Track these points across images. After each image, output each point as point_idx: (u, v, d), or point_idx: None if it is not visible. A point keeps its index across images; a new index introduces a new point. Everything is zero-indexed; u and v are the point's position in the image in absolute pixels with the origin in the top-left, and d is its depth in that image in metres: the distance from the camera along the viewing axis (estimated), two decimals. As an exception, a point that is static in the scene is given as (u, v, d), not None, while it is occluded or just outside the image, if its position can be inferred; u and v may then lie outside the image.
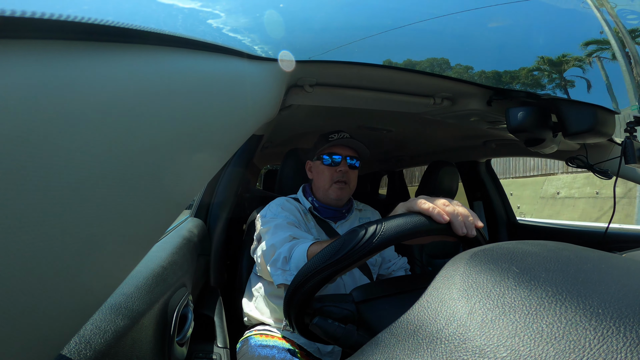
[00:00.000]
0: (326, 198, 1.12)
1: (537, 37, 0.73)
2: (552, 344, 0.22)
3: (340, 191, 1.10)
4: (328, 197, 1.11)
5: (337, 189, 1.10)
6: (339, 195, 1.10)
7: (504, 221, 1.99)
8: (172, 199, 0.31)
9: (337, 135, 1.11)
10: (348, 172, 1.11)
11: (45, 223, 0.18)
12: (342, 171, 1.09)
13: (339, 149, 1.11)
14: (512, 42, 0.75)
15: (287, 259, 0.81)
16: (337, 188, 1.10)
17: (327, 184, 1.11)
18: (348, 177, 1.11)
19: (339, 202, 1.12)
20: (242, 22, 0.47)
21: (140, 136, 0.24)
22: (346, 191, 1.11)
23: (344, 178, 1.10)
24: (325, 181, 1.11)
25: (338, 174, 1.09)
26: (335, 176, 1.09)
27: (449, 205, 0.54)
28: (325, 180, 1.11)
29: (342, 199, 1.12)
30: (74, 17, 0.18)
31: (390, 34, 0.65)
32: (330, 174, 1.10)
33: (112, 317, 0.47)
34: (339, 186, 1.10)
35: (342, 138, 1.10)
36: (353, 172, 1.13)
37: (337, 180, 1.09)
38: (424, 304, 0.31)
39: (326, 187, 1.11)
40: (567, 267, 0.31)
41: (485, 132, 1.32)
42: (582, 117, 0.77)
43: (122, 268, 0.28)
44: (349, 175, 1.11)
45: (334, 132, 1.13)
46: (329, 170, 1.11)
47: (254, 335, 1.03)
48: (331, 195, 1.11)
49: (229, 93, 0.39)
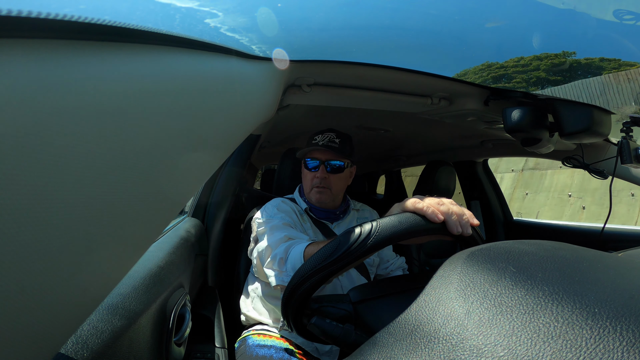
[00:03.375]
0: (310, 201, 1.12)
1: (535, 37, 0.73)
2: (549, 343, 0.22)
3: (319, 195, 1.09)
4: (311, 200, 1.12)
5: (317, 193, 1.09)
6: (318, 199, 1.10)
7: (501, 220, 2.00)
8: (170, 199, 0.31)
9: (321, 137, 1.10)
10: (328, 178, 1.09)
11: (42, 223, 0.18)
12: (319, 177, 1.08)
13: (318, 154, 1.10)
14: (510, 42, 0.76)
15: (284, 260, 0.81)
16: (316, 192, 1.09)
17: (308, 189, 1.11)
18: (328, 182, 1.09)
19: (323, 204, 1.12)
20: (240, 22, 0.47)
21: (137, 136, 0.24)
22: (326, 195, 1.10)
23: (322, 184, 1.09)
24: (307, 185, 1.12)
25: (317, 180, 1.09)
26: (315, 181, 1.09)
27: (443, 205, 0.54)
28: (307, 184, 1.12)
29: (324, 202, 1.11)
30: (71, 17, 0.18)
31: (387, 34, 0.65)
32: (311, 178, 1.10)
33: (109, 317, 0.47)
34: (318, 190, 1.09)
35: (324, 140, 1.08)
36: (335, 175, 1.10)
37: (317, 185, 1.09)
38: (421, 304, 0.31)
39: (307, 191, 1.12)
40: (563, 267, 0.31)
41: (483, 132, 1.33)
42: (579, 117, 0.78)
43: (120, 268, 0.28)
44: (329, 180, 1.09)
45: (319, 132, 1.12)
46: (310, 174, 1.11)
47: (252, 335, 1.03)
48: (312, 199, 1.11)
49: (227, 93, 0.39)
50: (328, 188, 1.09)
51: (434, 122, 1.15)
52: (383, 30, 0.65)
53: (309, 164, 1.11)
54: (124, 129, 0.23)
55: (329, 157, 1.09)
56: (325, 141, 1.08)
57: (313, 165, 1.10)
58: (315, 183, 1.09)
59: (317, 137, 1.11)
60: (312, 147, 1.09)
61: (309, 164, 1.11)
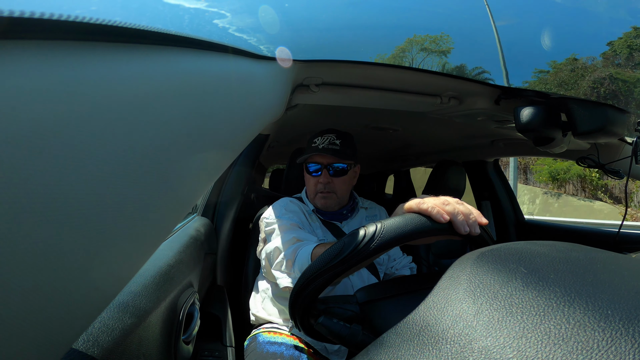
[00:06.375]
0: (315, 206, 1.11)
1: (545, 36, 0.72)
2: (560, 345, 0.22)
3: (324, 200, 1.08)
4: (316, 205, 1.10)
5: (322, 199, 1.08)
6: (323, 204, 1.08)
7: (513, 221, 1.97)
8: (180, 198, 0.32)
9: (321, 139, 1.06)
10: (332, 182, 1.07)
11: (54, 223, 0.18)
12: (323, 183, 1.06)
13: (319, 158, 1.07)
14: (520, 41, 0.75)
15: (292, 262, 0.81)
16: (321, 197, 1.08)
17: (313, 194, 1.09)
18: (332, 186, 1.07)
19: (329, 209, 1.10)
20: (247, 22, 0.47)
21: (148, 136, 0.24)
22: (332, 200, 1.08)
23: (326, 189, 1.07)
24: (310, 190, 1.10)
25: (320, 186, 1.07)
26: (318, 187, 1.07)
27: (449, 204, 0.53)
28: (311, 190, 1.10)
29: (330, 207, 1.10)
30: (82, 18, 0.18)
31: (396, 33, 0.65)
32: (314, 184, 1.08)
33: (119, 315, 0.48)
34: (322, 196, 1.07)
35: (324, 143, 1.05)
36: (340, 179, 1.07)
37: (321, 190, 1.07)
38: (429, 304, 0.31)
39: (312, 196, 1.10)
40: (576, 268, 0.30)
41: (493, 131, 1.31)
42: (593, 116, 0.76)
43: (130, 266, 0.29)
44: (333, 185, 1.07)
45: (319, 133, 1.09)
46: (312, 179, 1.08)
47: (262, 333, 1.03)
48: (317, 204, 1.10)
49: (235, 93, 0.39)
50: (333, 192, 1.07)
51: (444, 121, 1.14)
52: (391, 29, 0.65)
53: (311, 168, 1.08)
54: (135, 129, 0.23)
55: (331, 161, 1.06)
56: (325, 144, 1.05)
57: (315, 169, 1.07)
58: (319, 189, 1.07)
59: (316, 139, 1.08)
60: (312, 152, 1.06)
61: (311, 168, 1.08)
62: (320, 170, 1.07)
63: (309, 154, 1.07)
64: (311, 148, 1.07)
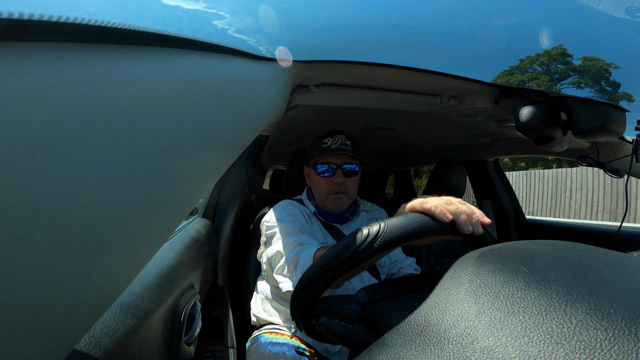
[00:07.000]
0: (325, 207, 1.10)
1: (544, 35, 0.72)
2: (562, 345, 0.22)
3: (338, 201, 1.07)
4: (326, 207, 1.09)
5: (335, 199, 1.06)
6: (336, 205, 1.07)
7: (514, 220, 1.97)
8: (180, 199, 0.32)
9: (332, 140, 1.05)
10: (345, 182, 1.06)
11: (55, 224, 0.18)
12: (338, 183, 1.05)
13: (333, 158, 1.06)
14: (520, 40, 0.74)
15: (294, 266, 0.81)
16: (334, 199, 1.06)
17: (324, 195, 1.07)
18: (346, 186, 1.06)
19: (339, 209, 1.09)
20: (247, 23, 0.47)
21: (149, 137, 0.24)
22: (344, 201, 1.07)
23: (341, 190, 1.06)
24: (321, 192, 1.08)
25: (334, 186, 1.05)
26: (332, 188, 1.05)
27: (452, 204, 0.53)
28: (322, 191, 1.08)
29: (342, 208, 1.09)
30: (81, 20, 0.18)
31: (395, 33, 0.65)
32: (327, 185, 1.06)
33: (121, 316, 0.48)
34: (336, 197, 1.06)
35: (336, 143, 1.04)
36: (351, 179, 1.07)
37: (334, 192, 1.06)
38: (431, 304, 0.30)
39: (323, 197, 1.08)
40: (577, 267, 0.30)
41: (493, 131, 1.31)
42: (593, 115, 0.76)
43: (131, 268, 0.29)
44: (347, 185, 1.06)
45: (328, 134, 1.08)
46: (324, 181, 1.06)
47: (264, 334, 1.03)
48: (329, 206, 1.08)
49: (236, 94, 0.39)
50: (345, 193, 1.07)
51: (444, 121, 1.14)
52: (390, 29, 0.65)
53: (324, 169, 1.06)
54: (135, 131, 0.23)
55: (345, 161, 1.06)
56: (337, 144, 1.04)
57: (328, 170, 1.06)
58: (333, 189, 1.05)
59: (327, 140, 1.06)
60: (325, 152, 1.05)
61: (324, 169, 1.06)
62: (334, 170, 1.06)
63: (322, 154, 1.05)
64: (322, 149, 1.06)
